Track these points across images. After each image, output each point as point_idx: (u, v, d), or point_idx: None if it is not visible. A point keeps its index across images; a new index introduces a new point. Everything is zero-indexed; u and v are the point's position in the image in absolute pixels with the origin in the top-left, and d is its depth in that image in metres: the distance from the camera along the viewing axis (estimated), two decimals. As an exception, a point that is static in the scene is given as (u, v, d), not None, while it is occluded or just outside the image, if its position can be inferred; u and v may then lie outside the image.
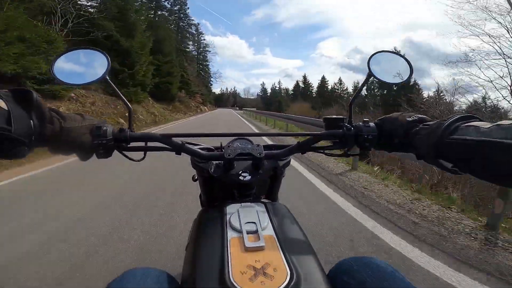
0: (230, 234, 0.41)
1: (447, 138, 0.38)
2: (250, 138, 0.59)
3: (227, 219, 0.45)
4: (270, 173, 0.59)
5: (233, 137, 0.59)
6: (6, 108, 0.34)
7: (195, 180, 0.70)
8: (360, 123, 0.52)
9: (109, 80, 0.50)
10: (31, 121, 0.38)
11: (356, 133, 0.51)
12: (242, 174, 0.54)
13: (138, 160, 0.55)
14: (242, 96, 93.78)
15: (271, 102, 67.25)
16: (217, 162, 0.57)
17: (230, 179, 0.54)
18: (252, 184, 0.55)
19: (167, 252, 1.57)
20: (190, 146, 0.54)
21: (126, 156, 0.53)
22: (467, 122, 0.38)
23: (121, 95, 0.50)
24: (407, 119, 0.47)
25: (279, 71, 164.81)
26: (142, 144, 0.53)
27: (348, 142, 0.53)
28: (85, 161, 0.47)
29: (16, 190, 2.75)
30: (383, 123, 0.51)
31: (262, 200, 0.58)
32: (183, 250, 0.53)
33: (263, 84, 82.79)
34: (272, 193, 0.69)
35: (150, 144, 0.53)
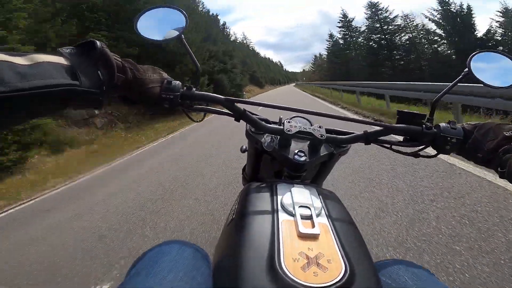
0: (282, 216, 0.38)
1: None
2: (309, 118, 0.56)
3: (279, 198, 0.42)
4: (325, 159, 0.56)
5: (294, 114, 0.56)
6: (67, 63, 0.34)
7: (243, 151, 0.68)
8: (444, 124, 0.49)
9: (183, 39, 0.51)
10: (99, 71, 0.38)
11: (436, 133, 0.48)
12: (298, 154, 0.51)
13: (198, 121, 0.56)
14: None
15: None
16: (273, 136, 0.54)
17: (284, 156, 0.51)
18: (305, 166, 0.51)
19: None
20: (250, 114, 0.53)
21: (188, 115, 0.54)
22: None
23: (192, 54, 0.51)
24: (504, 133, 0.42)
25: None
26: (204, 105, 0.53)
27: (424, 141, 0.50)
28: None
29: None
30: (474, 129, 0.47)
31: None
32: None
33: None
34: (318, 179, 0.66)
35: (211, 106, 0.53)
